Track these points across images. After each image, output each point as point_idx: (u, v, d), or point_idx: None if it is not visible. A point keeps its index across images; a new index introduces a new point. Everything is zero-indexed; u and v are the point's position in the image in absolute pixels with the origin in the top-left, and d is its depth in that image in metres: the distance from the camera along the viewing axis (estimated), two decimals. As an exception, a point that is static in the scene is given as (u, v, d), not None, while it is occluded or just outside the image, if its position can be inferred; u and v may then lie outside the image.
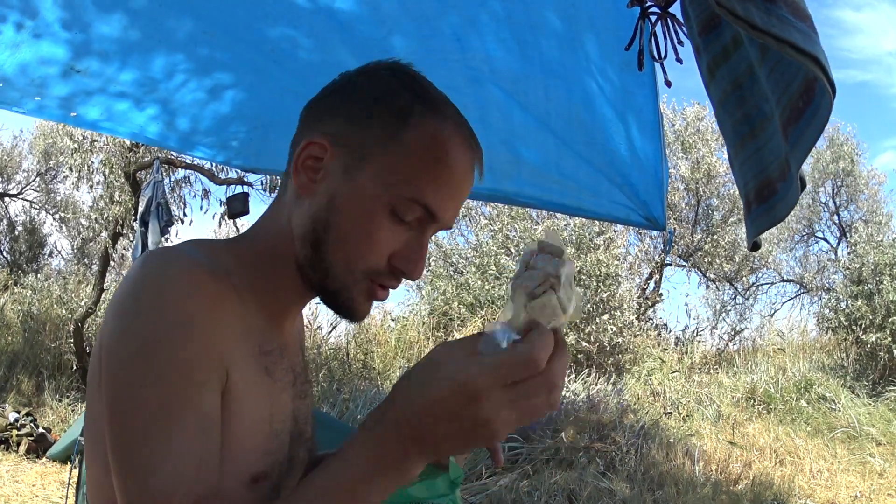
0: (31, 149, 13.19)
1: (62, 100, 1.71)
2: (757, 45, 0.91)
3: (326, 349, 7.99)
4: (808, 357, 8.97)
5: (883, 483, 5.51)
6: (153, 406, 0.68)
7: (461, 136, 0.80)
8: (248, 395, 0.75)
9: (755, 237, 1.07)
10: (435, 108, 0.80)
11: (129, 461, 0.67)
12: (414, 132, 0.78)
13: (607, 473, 5.11)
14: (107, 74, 1.64)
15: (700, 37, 1.03)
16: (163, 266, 0.73)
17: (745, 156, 1.03)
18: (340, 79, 0.86)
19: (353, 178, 0.78)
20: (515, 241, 9.19)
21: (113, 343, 0.71)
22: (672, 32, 1.26)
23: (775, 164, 0.96)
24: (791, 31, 0.73)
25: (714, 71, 1.03)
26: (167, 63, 1.64)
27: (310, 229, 0.79)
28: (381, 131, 0.78)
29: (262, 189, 7.62)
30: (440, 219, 0.80)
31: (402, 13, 1.52)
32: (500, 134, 1.75)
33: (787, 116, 0.86)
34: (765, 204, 1.01)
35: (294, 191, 0.82)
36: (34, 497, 4.56)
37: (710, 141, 10.79)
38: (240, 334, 0.76)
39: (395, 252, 0.79)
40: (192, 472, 0.67)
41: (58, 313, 8.04)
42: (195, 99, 1.79)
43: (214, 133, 1.94)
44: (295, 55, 1.65)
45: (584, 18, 1.43)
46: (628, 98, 1.57)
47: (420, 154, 0.77)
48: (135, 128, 1.86)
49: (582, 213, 1.98)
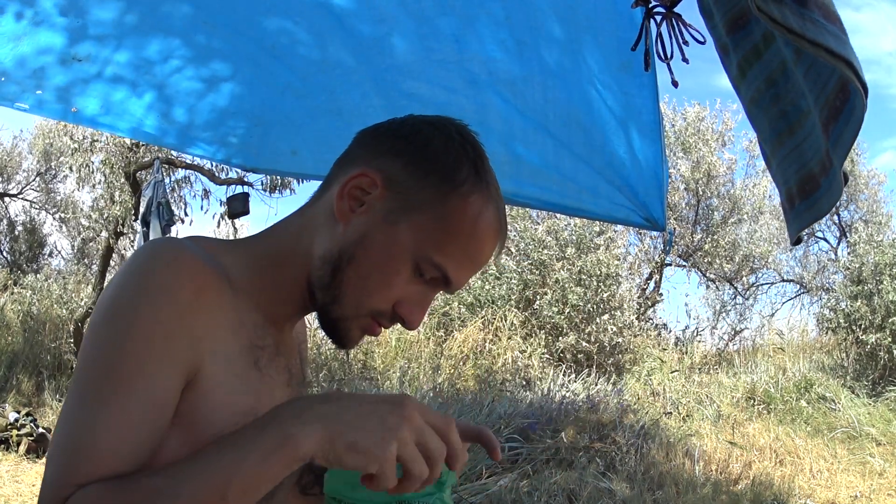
0: (31, 149, 13.19)
1: (60, 91, 1.70)
2: (792, 47, 0.91)
3: (326, 349, 7.99)
4: (808, 357, 8.96)
5: (883, 483, 5.50)
6: (106, 367, 0.69)
7: (498, 222, 0.84)
8: (231, 385, 0.76)
9: (799, 232, 1.07)
10: (486, 186, 0.84)
11: (70, 412, 0.69)
12: (460, 202, 0.81)
13: (607, 473, 5.11)
14: (102, 57, 1.63)
15: (728, 35, 1.03)
16: (158, 250, 0.76)
17: (784, 152, 1.03)
18: (409, 122, 0.87)
19: (392, 224, 0.81)
20: (515, 240, 9.19)
21: (96, 310, 0.74)
22: (677, 32, 1.25)
23: (816, 159, 0.96)
24: (825, 35, 0.74)
25: (745, 69, 1.03)
26: (163, 47, 1.64)
27: (335, 255, 0.82)
28: (433, 191, 0.81)
29: (263, 189, 7.63)
30: (453, 285, 0.83)
31: (401, 12, 1.52)
32: (498, 134, 1.75)
33: (827, 115, 0.87)
34: (808, 199, 1.01)
35: (329, 211, 0.84)
36: (34, 497, 4.56)
37: (710, 141, 10.79)
38: (230, 326, 0.77)
39: (402, 300, 0.82)
40: (127, 443, 0.68)
41: (58, 313, 8.04)
42: (192, 89, 1.78)
43: (212, 128, 1.93)
44: (294, 51, 1.65)
45: (583, 21, 1.43)
46: (627, 100, 1.56)
47: (458, 226, 0.81)
48: (133, 121, 1.85)
49: (582, 213, 1.98)
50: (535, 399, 6.62)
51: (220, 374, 0.75)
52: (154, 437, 0.71)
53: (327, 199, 0.85)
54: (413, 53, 1.63)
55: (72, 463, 0.67)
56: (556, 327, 8.51)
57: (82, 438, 0.67)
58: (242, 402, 0.77)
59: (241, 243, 0.87)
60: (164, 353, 0.70)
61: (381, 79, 1.70)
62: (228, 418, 0.75)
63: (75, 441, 0.68)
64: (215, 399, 0.75)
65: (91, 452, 0.67)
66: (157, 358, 0.70)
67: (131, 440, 0.69)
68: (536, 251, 8.83)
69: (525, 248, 9.00)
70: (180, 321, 0.72)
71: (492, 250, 0.85)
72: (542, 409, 6.12)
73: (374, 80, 1.72)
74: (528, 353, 7.98)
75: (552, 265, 8.71)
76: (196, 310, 0.73)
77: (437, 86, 1.69)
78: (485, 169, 0.85)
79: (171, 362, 0.71)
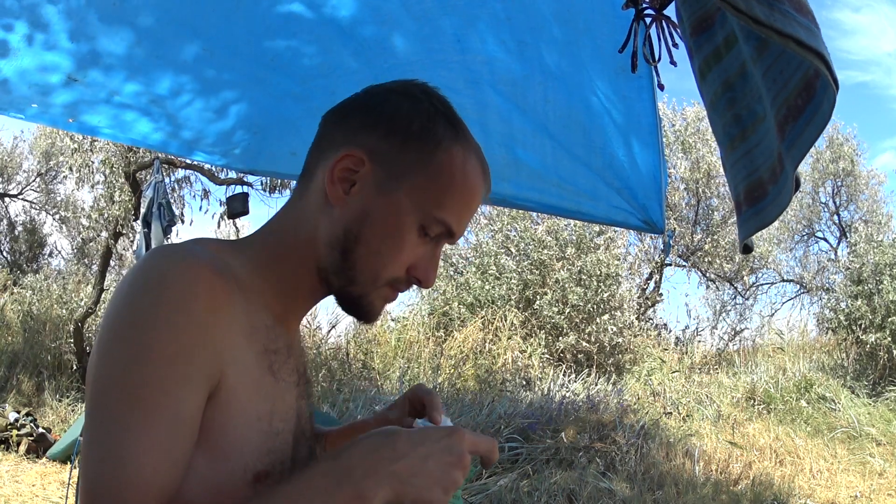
0: (32, 149, 13.20)
1: (66, 108, 1.71)
2: (753, 44, 0.91)
3: (326, 349, 7.99)
4: (808, 357, 8.97)
5: (883, 483, 5.51)
6: (131, 390, 0.68)
7: (480, 163, 0.88)
8: (247, 393, 0.76)
9: (745, 239, 1.08)
10: (462, 135, 0.87)
11: (98, 441, 0.68)
12: (446, 156, 0.84)
13: (607, 473, 5.11)
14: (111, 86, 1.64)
15: (692, 37, 1.03)
16: (166, 260, 0.74)
17: (735, 157, 1.04)
18: (373, 94, 0.89)
19: (388, 195, 0.83)
20: (515, 241, 9.19)
21: (106, 326, 0.71)
22: (667, 35, 1.26)
23: (766, 167, 0.97)
24: (794, 26, 0.74)
25: (705, 72, 1.04)
26: (173, 83, 1.66)
27: (341, 238, 0.83)
28: (417, 154, 0.84)
29: (262, 189, 7.63)
30: (456, 234, 0.87)
31: (403, 13, 1.52)
32: (498, 137, 1.76)
33: (785, 115, 0.87)
34: (755, 206, 1.01)
35: (322, 198, 0.85)
36: (34, 497, 4.56)
37: (710, 141, 10.78)
38: (243, 332, 0.77)
39: (414, 263, 0.85)
40: (162, 467, 0.68)
41: (58, 313, 8.04)
42: (202, 117, 1.80)
43: (219, 144, 1.94)
44: (297, 62, 1.65)
45: (582, 23, 1.43)
46: (626, 103, 1.57)
47: (450, 180, 0.84)
48: (137, 136, 1.86)
49: (580, 216, 1.98)
50: (535, 399, 6.63)
51: (238, 384, 0.75)
52: (186, 456, 0.70)
53: (315, 187, 0.86)
54: (414, 54, 1.63)
55: (116, 499, 0.66)
56: (556, 327, 8.51)
57: (119, 473, 0.66)
58: (259, 409, 0.77)
59: (243, 244, 0.87)
60: (186, 372, 0.70)
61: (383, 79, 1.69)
62: (244, 425, 0.75)
63: (111, 477, 0.67)
64: (233, 408, 0.74)
65: (132, 486, 0.66)
66: (181, 378, 0.69)
67: (167, 465, 0.68)
68: (536, 251, 8.83)
69: (525, 248, 9.00)
70: (200, 338, 0.71)
71: (481, 189, 0.88)
72: (542, 409, 6.12)
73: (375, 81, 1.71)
74: (528, 353, 7.98)
75: (552, 265, 8.71)
76: (213, 324, 0.72)
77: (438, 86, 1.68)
78: (456, 119, 0.88)
79: (195, 381, 0.70)
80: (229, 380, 0.74)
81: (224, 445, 0.73)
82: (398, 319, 8.62)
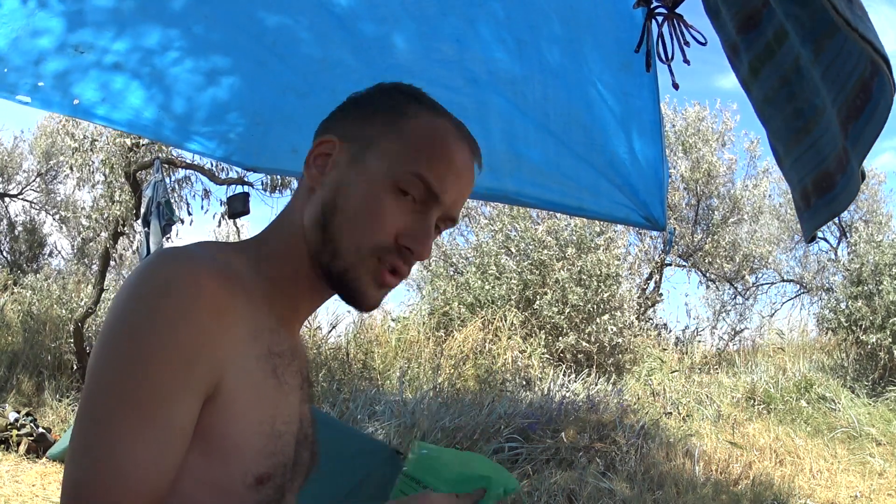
0: (32, 149, 13.19)
1: (58, 78, 1.68)
2: (810, 46, 0.91)
3: (326, 349, 7.99)
4: (808, 357, 8.96)
5: (883, 483, 5.50)
6: (127, 395, 0.68)
7: (456, 130, 0.88)
8: (248, 397, 0.75)
9: (816, 230, 1.08)
10: (431, 107, 0.89)
11: (88, 442, 0.68)
12: (414, 121, 0.86)
13: (607, 473, 5.11)
14: (100, 45, 1.62)
15: (739, 35, 1.03)
16: (170, 265, 0.74)
17: (800, 150, 1.04)
18: (350, 96, 0.94)
19: (359, 164, 0.84)
20: (516, 240, 9.19)
21: (106, 330, 0.71)
22: (679, 33, 1.25)
23: (833, 156, 0.97)
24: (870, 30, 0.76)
25: (758, 68, 1.03)
26: (162, 37, 1.64)
27: (319, 214, 0.84)
28: (383, 121, 0.86)
29: (263, 189, 7.63)
30: (441, 198, 0.84)
31: (402, 12, 1.52)
32: (499, 134, 1.76)
33: (846, 114, 0.88)
34: (825, 196, 1.02)
35: (306, 187, 0.87)
36: (34, 497, 4.56)
37: (711, 141, 10.79)
38: (246, 336, 0.76)
39: (402, 230, 0.82)
40: (151, 474, 0.68)
41: (58, 313, 8.03)
42: (191, 80, 1.77)
43: (212, 123, 1.92)
44: (296, 50, 1.64)
45: (584, 21, 1.43)
46: (628, 100, 1.57)
47: (420, 137, 0.85)
48: (130, 113, 1.84)
49: (582, 213, 1.98)
50: (535, 399, 6.62)
51: (238, 388, 0.74)
52: (176, 464, 0.70)
53: (302, 184, 0.90)
54: (414, 53, 1.63)
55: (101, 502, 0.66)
56: (556, 327, 8.50)
57: (110, 479, 0.66)
58: (260, 412, 0.77)
59: (246, 246, 0.87)
60: (185, 380, 0.69)
61: (383, 78, 1.69)
62: (245, 428, 0.75)
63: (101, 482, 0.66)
64: (233, 412, 0.74)
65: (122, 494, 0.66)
66: (178, 386, 0.69)
67: (157, 474, 0.68)
68: (536, 251, 8.83)
69: (525, 248, 9.00)
70: (200, 346, 0.70)
71: (461, 154, 0.86)
72: (542, 409, 6.12)
73: (375, 80, 1.71)
74: (528, 353, 7.98)
75: (552, 265, 8.71)
76: (216, 332, 0.72)
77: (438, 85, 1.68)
78: (427, 98, 0.90)
79: (191, 389, 0.70)
80: (229, 384, 0.73)
81: (223, 448, 0.73)
82: (398, 319, 8.62)
